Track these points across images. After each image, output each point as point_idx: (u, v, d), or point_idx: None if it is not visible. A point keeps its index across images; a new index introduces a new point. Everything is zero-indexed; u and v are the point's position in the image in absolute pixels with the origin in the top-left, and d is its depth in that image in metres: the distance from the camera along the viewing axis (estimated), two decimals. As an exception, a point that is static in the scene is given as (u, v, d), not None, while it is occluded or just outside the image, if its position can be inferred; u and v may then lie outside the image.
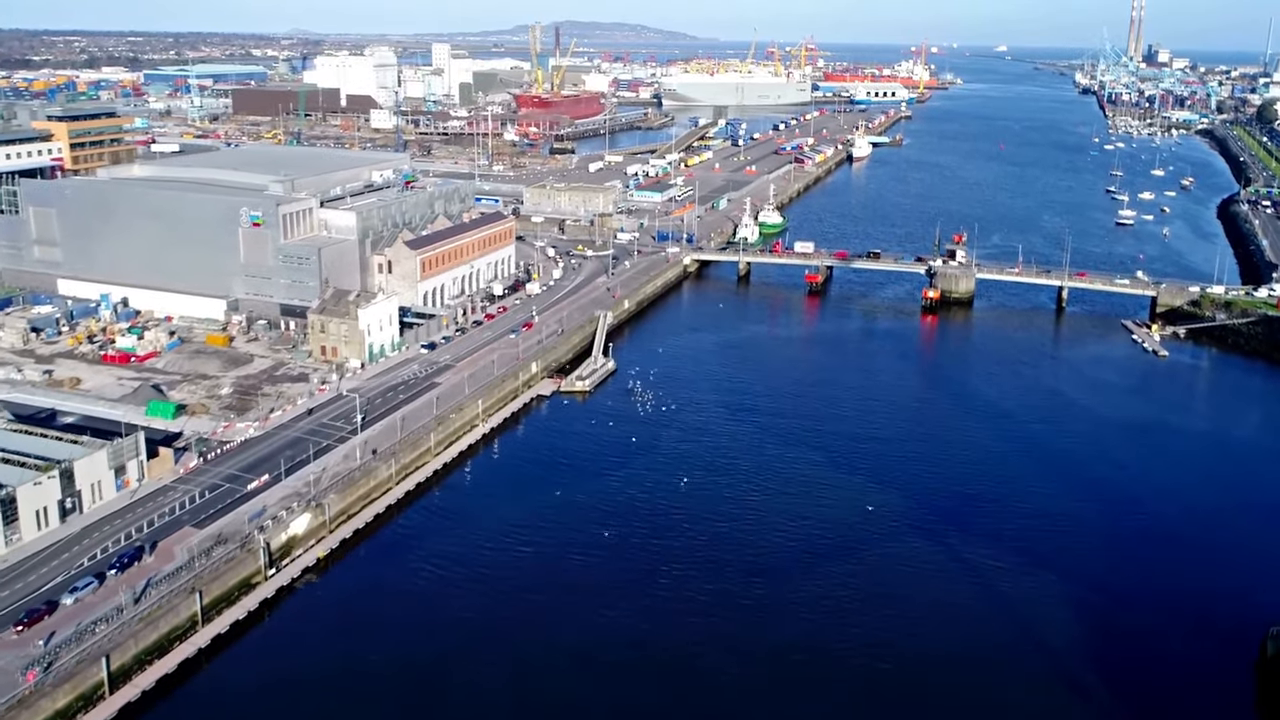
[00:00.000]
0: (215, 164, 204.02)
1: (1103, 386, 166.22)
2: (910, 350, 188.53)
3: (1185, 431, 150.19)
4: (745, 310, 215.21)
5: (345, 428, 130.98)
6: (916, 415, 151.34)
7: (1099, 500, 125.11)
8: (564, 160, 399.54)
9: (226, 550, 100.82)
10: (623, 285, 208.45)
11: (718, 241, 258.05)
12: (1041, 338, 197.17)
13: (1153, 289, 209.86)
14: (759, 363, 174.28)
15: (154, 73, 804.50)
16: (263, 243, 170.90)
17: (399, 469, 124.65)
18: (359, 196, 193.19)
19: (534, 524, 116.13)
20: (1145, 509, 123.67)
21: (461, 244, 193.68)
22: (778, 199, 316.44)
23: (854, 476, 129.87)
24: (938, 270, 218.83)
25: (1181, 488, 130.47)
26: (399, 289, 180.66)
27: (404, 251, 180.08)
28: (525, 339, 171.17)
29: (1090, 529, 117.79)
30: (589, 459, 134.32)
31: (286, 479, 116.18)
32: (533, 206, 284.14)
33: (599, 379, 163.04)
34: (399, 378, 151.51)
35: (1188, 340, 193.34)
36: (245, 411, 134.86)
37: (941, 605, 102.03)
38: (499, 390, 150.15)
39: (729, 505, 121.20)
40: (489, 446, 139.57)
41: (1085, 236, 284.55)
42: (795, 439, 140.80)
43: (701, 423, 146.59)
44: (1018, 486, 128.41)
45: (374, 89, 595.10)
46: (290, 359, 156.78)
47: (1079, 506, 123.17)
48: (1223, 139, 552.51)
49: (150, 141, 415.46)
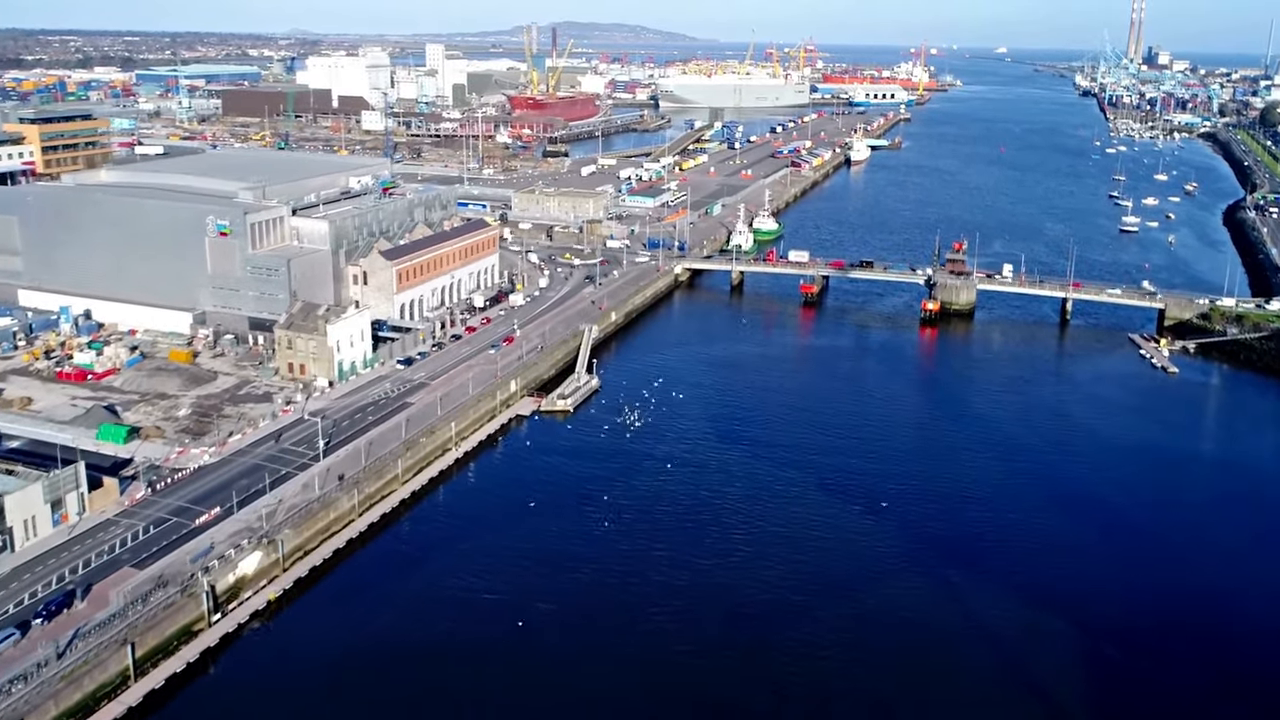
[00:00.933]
0: (185, 170, 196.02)
1: (1111, 407, 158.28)
2: (909, 368, 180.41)
3: (1201, 458, 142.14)
4: (737, 322, 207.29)
5: (308, 454, 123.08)
6: (915, 442, 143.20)
7: (1111, 536, 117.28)
8: (556, 163, 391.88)
9: (166, 595, 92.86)
10: (610, 296, 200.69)
11: (711, 249, 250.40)
12: (1045, 353, 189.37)
13: (1160, 301, 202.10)
14: (750, 381, 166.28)
15: (146, 73, 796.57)
16: (230, 253, 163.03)
17: (362, 499, 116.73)
18: (334, 204, 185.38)
19: (503, 561, 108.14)
20: (1165, 549, 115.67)
21: (441, 253, 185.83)
22: (773, 205, 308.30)
23: (847, 508, 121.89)
24: (937, 281, 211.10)
25: (1201, 523, 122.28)
26: (374, 301, 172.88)
27: (379, 262, 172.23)
28: (505, 354, 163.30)
29: (1102, 567, 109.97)
30: (566, 487, 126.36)
31: (239, 512, 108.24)
32: (521, 212, 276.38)
33: (582, 397, 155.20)
34: (369, 397, 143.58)
35: (1197, 355, 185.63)
36: (202, 435, 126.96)
37: (942, 658, 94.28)
38: (475, 411, 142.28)
39: (714, 540, 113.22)
40: (462, 472, 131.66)
41: (1089, 244, 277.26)
42: (786, 466, 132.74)
43: (688, 446, 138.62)
44: (1022, 521, 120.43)
45: (366, 90, 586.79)
46: (256, 376, 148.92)
47: (1089, 543, 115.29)
48: (1226, 142, 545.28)
49: (135, 143, 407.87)
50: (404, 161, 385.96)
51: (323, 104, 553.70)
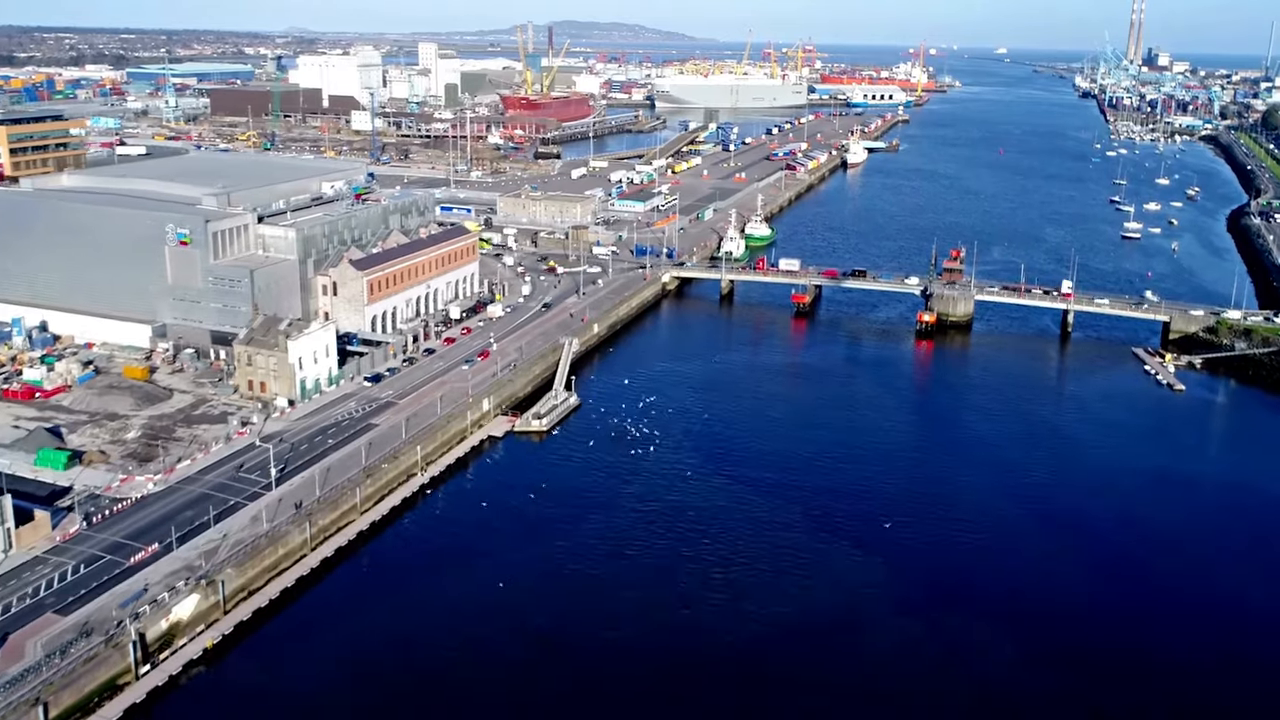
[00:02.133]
0: (151, 174, 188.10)
1: (1116, 428, 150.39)
2: (903, 386, 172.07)
3: (1211, 485, 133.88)
4: (727, 334, 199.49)
5: (260, 482, 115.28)
6: (909, 468, 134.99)
7: (1118, 575, 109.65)
8: (547, 166, 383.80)
9: (88, 646, 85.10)
10: (594, 306, 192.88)
11: (701, 256, 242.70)
12: (1046, 368, 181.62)
13: (1165, 313, 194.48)
14: (737, 400, 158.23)
15: (136, 71, 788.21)
16: (191, 263, 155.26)
17: (316, 532, 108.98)
18: (304, 211, 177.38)
19: (464, 603, 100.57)
20: (1176, 590, 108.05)
21: (416, 262, 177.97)
22: (766, 210, 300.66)
23: (836, 544, 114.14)
24: (934, 292, 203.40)
25: (1212, 560, 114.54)
26: (344, 313, 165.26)
27: (349, 272, 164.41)
28: (479, 370, 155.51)
29: (1110, 614, 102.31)
30: (536, 517, 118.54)
31: (178, 549, 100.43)
32: (507, 217, 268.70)
33: (559, 417, 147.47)
34: (332, 417, 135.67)
35: (1204, 370, 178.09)
36: (149, 461, 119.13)
37: (930, 703, 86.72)
38: (444, 433, 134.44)
39: (692, 581, 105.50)
40: (427, 500, 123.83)
41: (1090, 251, 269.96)
42: (773, 496, 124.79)
43: (668, 473, 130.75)
44: (1025, 560, 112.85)
45: (358, 89, 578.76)
46: (214, 395, 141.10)
47: (1096, 586, 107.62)
48: (1228, 146, 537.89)
49: (118, 143, 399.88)
50: (390, 163, 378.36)
51: (313, 104, 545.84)
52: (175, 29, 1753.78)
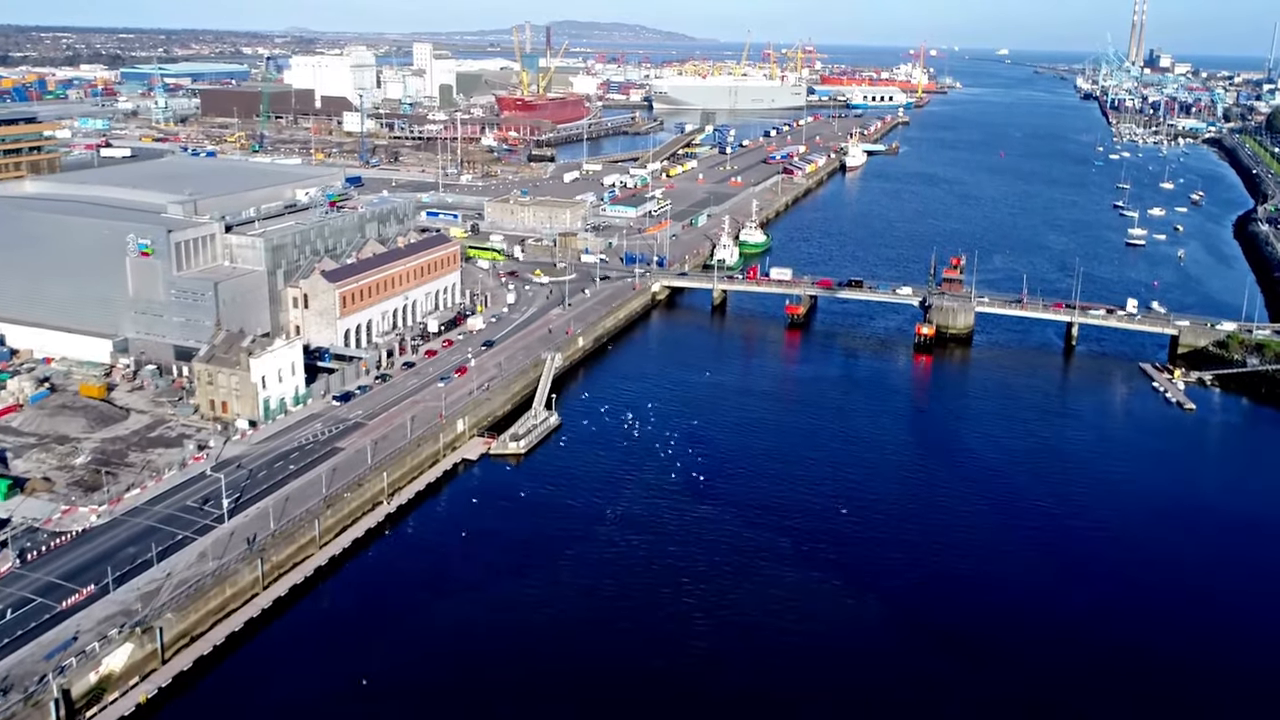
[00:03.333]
0: (117, 180, 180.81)
1: (1124, 452, 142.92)
2: (901, 404, 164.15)
3: (1227, 513, 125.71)
4: (718, 348, 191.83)
5: (212, 513, 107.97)
6: (906, 496, 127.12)
7: (1129, 615, 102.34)
8: (540, 169, 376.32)
9: (4, 705, 77.76)
10: (579, 319, 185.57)
11: (694, 264, 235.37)
12: (1049, 385, 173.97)
13: (1173, 327, 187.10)
14: (726, 418, 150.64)
15: (130, 71, 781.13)
16: (153, 274, 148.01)
17: (270, 569, 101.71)
18: (275, 219, 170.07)
19: (425, 646, 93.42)
20: (1198, 635, 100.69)
21: (393, 273, 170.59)
22: (762, 215, 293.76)
23: (828, 581, 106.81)
24: (933, 303, 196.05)
25: (1228, 599, 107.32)
26: (316, 327, 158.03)
27: (321, 284, 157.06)
28: (456, 388, 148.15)
29: (1121, 657, 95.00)
30: (507, 550, 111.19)
31: (115, 590, 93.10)
32: (494, 222, 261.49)
33: (538, 438, 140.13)
34: (296, 441, 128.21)
35: (1214, 387, 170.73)
36: (95, 490, 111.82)
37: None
38: (414, 457, 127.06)
39: (672, 624, 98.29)
40: (393, 531, 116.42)
41: (1094, 259, 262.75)
42: (761, 528, 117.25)
43: (651, 502, 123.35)
44: (1028, 598, 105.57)
45: (351, 90, 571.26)
46: (173, 415, 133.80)
47: (1104, 626, 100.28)
48: (1232, 149, 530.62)
49: (103, 145, 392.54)
50: (380, 166, 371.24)
51: (305, 104, 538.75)
52: (175, 29, 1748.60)
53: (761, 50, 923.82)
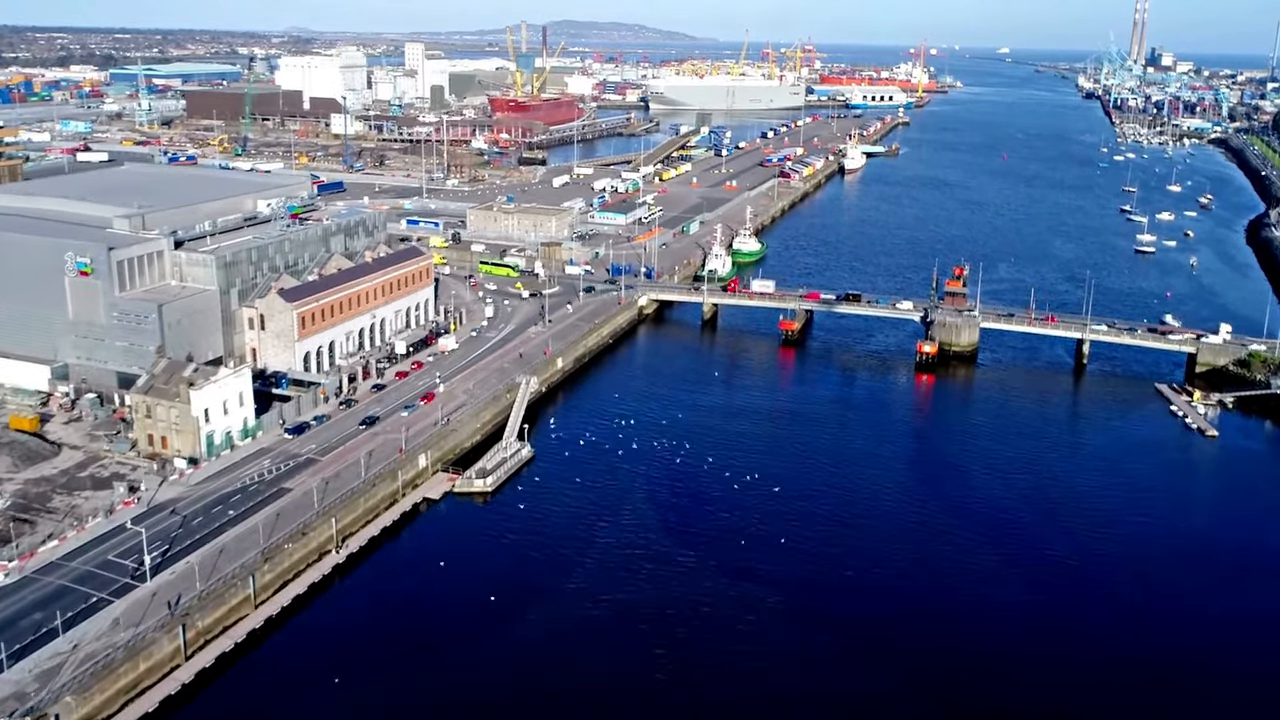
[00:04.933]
0: (65, 192, 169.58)
1: (1143, 488, 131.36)
2: (900, 432, 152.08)
3: (1261, 559, 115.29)
4: (708, 367, 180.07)
5: (134, 570, 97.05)
6: (906, 539, 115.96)
7: (1152, 677, 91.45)
8: (529, 173, 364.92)
9: None
10: (560, 336, 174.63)
11: (684, 275, 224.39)
12: (1059, 410, 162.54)
13: (1191, 344, 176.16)
14: (714, 449, 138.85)
15: (119, 72, 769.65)
16: (93, 295, 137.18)
17: (194, 636, 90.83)
18: (232, 233, 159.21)
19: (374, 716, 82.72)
20: (1228, 698, 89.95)
21: (359, 290, 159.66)
22: (757, 221, 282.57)
23: (816, 639, 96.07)
24: (935, 319, 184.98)
25: (1272, 658, 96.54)
26: (274, 349, 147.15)
27: (278, 303, 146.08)
28: (421, 417, 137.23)
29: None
30: (463, 607, 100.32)
31: (9, 669, 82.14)
32: (477, 231, 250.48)
33: (509, 472, 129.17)
34: (240, 481, 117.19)
35: (1235, 410, 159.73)
36: (5, 543, 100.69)
37: None
38: (367, 499, 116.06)
39: (644, 697, 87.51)
40: (343, 582, 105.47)
41: (1102, 268, 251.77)
42: (744, 578, 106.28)
43: (630, 546, 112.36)
44: (1039, 658, 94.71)
45: (340, 91, 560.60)
46: (108, 451, 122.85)
47: (1125, 691, 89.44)
48: (1239, 149, 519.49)
49: (81, 149, 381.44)
50: (364, 170, 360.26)
51: (293, 106, 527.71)
52: (172, 29, 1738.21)
53: (760, 49, 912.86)
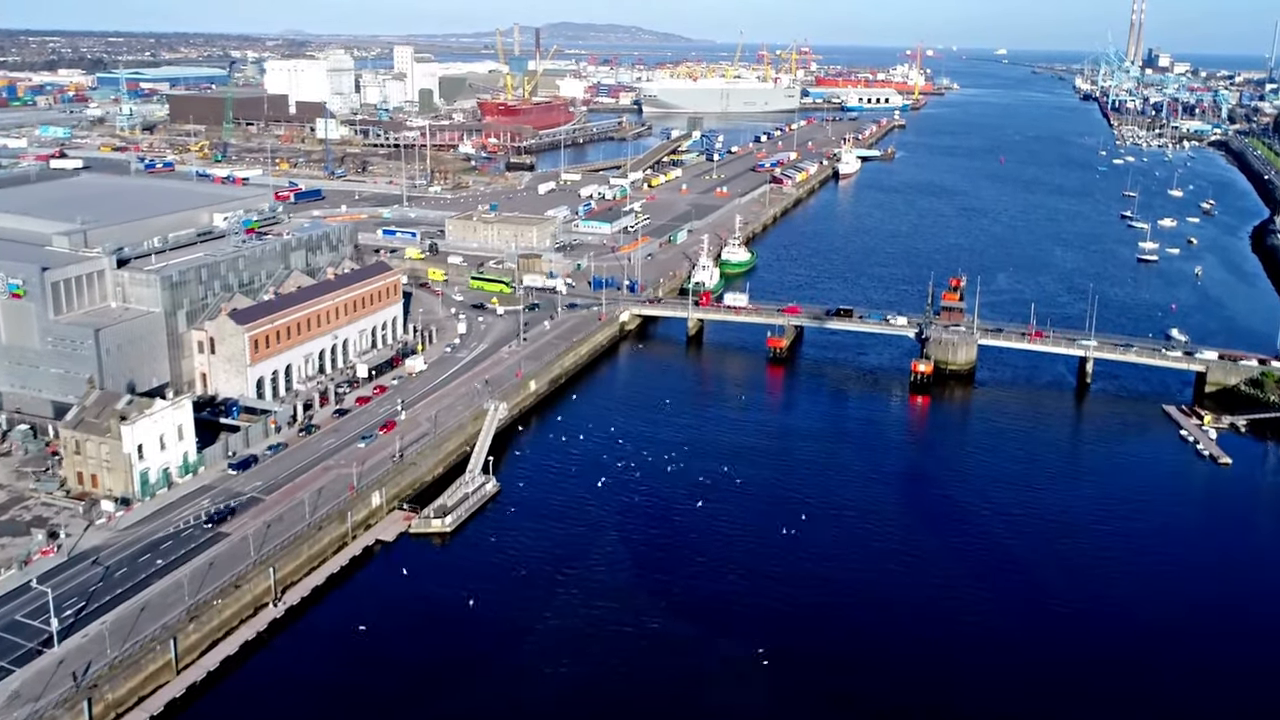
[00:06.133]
0: (6, 206, 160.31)
1: (1154, 525, 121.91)
2: (892, 461, 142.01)
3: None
4: (692, 388, 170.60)
5: (42, 633, 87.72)
6: (896, 590, 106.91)
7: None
8: (514, 179, 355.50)
9: None
10: (534, 356, 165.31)
11: (670, 287, 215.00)
12: (1061, 436, 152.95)
13: (1200, 363, 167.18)
14: (693, 483, 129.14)
15: (106, 75, 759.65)
16: (26, 319, 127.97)
17: (103, 710, 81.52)
18: (183, 249, 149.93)
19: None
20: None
21: (319, 309, 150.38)
22: (748, 229, 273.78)
23: (797, 706, 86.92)
24: (931, 335, 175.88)
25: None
26: (225, 375, 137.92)
27: (228, 326, 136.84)
28: (379, 449, 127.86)
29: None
30: (406, 674, 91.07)
31: (-117, 758, 73.22)
32: (456, 241, 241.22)
33: (470, 510, 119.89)
34: (173, 525, 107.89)
35: (1248, 434, 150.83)
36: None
37: None
38: (312, 544, 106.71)
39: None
40: (276, 641, 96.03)
41: (1104, 278, 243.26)
42: (720, 631, 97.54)
43: (594, 603, 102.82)
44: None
45: (327, 95, 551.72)
46: (34, 490, 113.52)
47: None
48: (1240, 152, 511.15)
49: (58, 155, 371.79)
50: (345, 177, 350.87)
51: (279, 110, 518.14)
52: (167, 32, 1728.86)
53: (756, 51, 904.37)
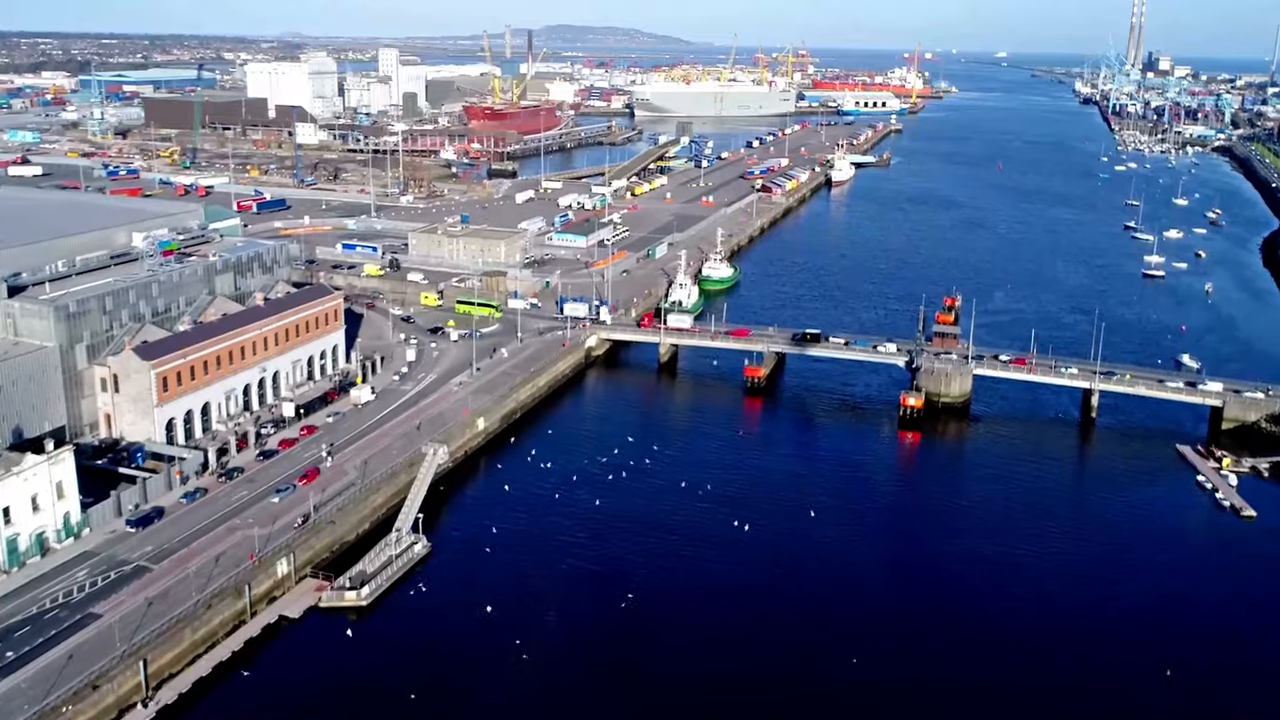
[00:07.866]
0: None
1: (1171, 591, 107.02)
2: (876, 511, 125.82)
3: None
4: (659, 425, 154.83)
5: None
6: (877, 664, 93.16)
7: None
8: (492, 188, 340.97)
9: None
10: (487, 389, 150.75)
11: (646, 307, 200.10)
12: (1064, 479, 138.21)
13: (1216, 396, 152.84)
14: (654, 539, 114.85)
15: (89, 78, 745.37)
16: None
17: None
18: (92, 273, 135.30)
19: None
20: None
21: (244, 340, 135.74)
22: (733, 242, 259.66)
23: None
24: (922, 364, 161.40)
25: None
26: (130, 416, 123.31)
27: (133, 362, 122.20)
28: (295, 504, 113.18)
29: None
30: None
31: None
32: (419, 256, 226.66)
33: (394, 577, 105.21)
34: (38, 603, 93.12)
35: (1271, 478, 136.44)
36: None
37: None
38: (198, 626, 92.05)
39: None
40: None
41: (1108, 296, 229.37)
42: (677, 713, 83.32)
43: (540, 691, 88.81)
44: None
45: (308, 99, 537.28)
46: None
47: None
48: (1244, 158, 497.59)
49: (18, 162, 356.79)
50: (315, 185, 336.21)
51: (258, 114, 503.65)
52: (157, 34, 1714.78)
53: (753, 54, 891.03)
